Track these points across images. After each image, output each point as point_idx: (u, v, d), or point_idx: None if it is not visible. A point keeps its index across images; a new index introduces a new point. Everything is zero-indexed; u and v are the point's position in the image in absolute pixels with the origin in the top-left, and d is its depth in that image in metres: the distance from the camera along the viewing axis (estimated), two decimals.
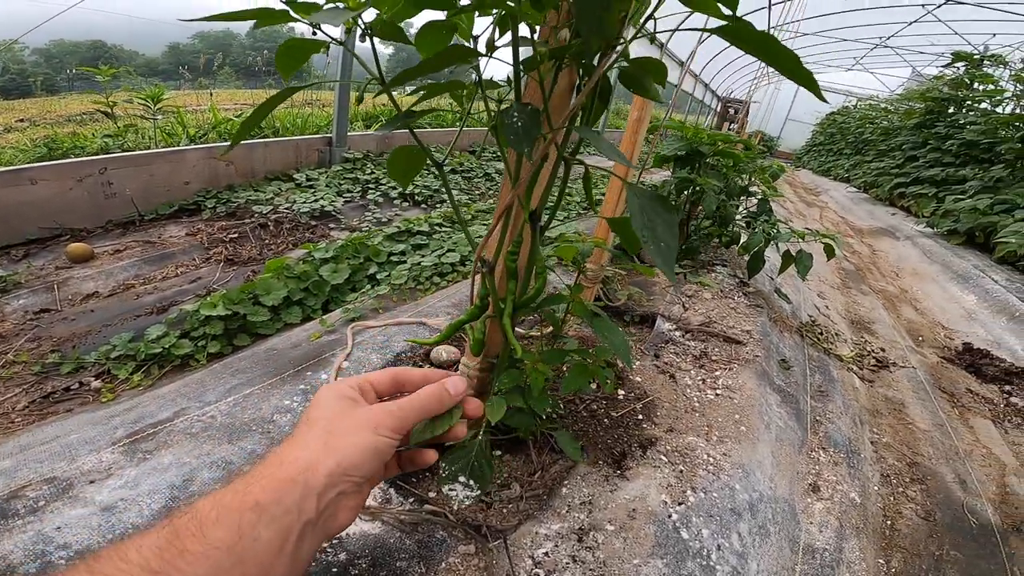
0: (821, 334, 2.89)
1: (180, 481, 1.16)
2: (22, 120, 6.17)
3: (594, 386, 1.76)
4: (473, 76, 0.86)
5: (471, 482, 1.04)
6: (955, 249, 5.52)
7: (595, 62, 0.80)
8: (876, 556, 1.63)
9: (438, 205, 5.33)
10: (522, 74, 0.85)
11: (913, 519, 1.84)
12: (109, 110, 4.80)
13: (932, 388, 2.83)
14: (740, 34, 0.60)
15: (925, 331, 3.75)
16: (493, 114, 0.88)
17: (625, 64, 0.81)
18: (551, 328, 1.77)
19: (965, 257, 5.21)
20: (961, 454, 2.30)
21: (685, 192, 3.06)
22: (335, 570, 0.98)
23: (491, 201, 5.63)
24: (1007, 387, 3.16)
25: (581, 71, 0.87)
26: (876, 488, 1.92)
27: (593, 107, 0.87)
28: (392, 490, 1.21)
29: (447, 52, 0.76)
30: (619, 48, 0.76)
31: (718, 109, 21.87)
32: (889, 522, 1.80)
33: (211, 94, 6.50)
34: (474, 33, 0.85)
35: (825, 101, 0.65)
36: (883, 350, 3.14)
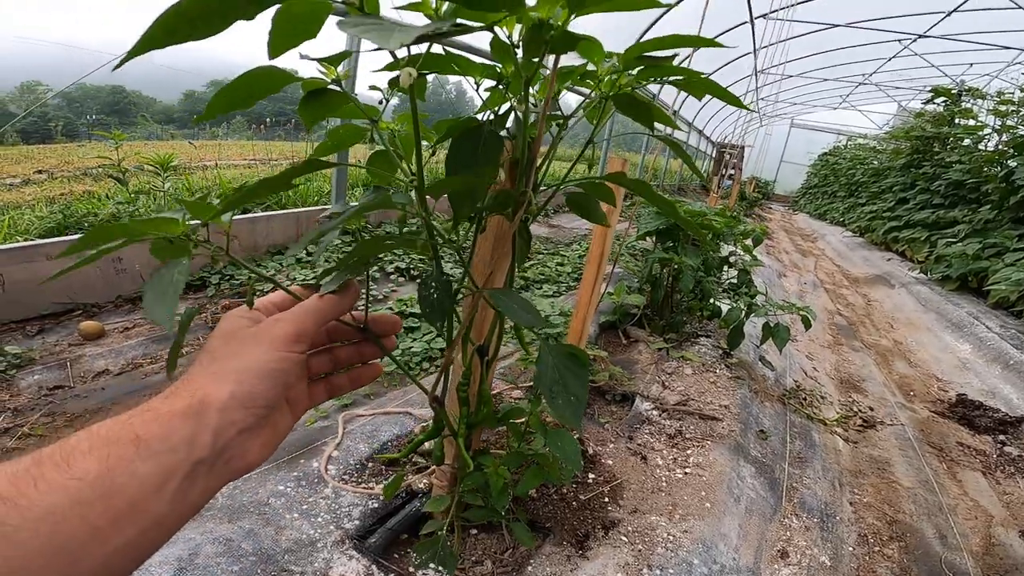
0: (805, 399, 3.19)
1: (187, 555, 1.44)
2: (40, 172, 6.38)
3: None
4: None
5: (440, 568, 1.33)
6: (949, 296, 5.90)
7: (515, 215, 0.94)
8: None
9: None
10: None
11: None
12: (120, 175, 4.99)
13: (920, 444, 3.11)
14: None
15: (918, 385, 4.05)
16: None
17: (575, 191, 0.99)
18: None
19: (959, 304, 5.58)
20: (945, 509, 2.55)
21: (666, 268, 3.44)
22: None
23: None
24: (1001, 437, 3.44)
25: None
26: (851, 549, 2.17)
27: (515, 256, 1.04)
28: (374, 567, 1.49)
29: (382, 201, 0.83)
30: (528, 205, 0.93)
31: (713, 155, 22.90)
32: None
33: (216, 164, 6.69)
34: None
35: (746, 109, 0.93)
36: (871, 409, 3.43)
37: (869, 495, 2.55)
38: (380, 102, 0.93)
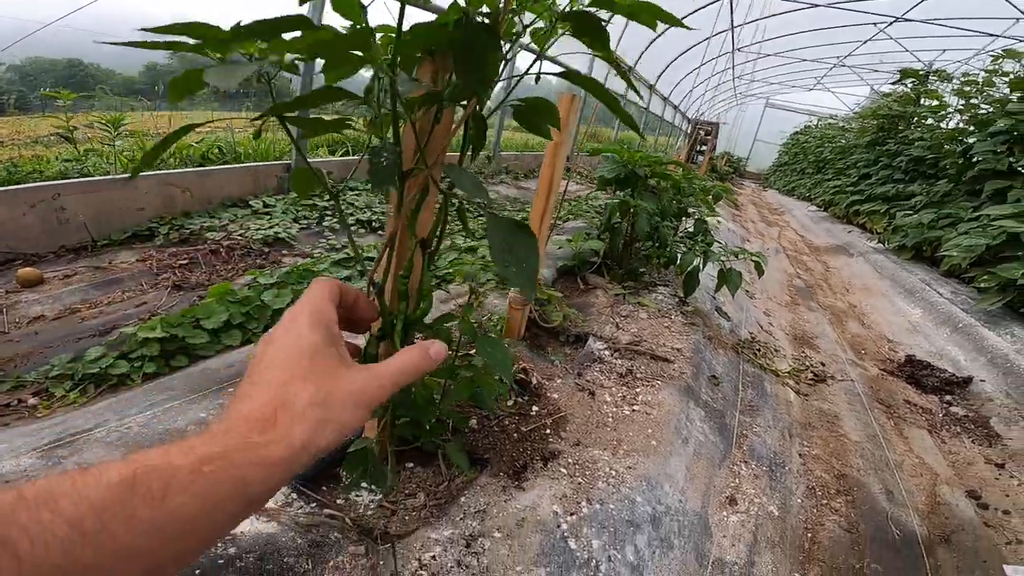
0: (759, 350, 3.00)
1: None
2: None
3: (510, 403, 1.83)
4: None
5: (372, 486, 1.13)
6: (904, 264, 5.79)
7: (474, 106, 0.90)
8: (792, 569, 1.70)
9: None
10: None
11: (835, 531, 1.92)
12: (69, 134, 4.79)
13: (869, 400, 2.96)
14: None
15: (869, 344, 3.91)
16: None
17: (518, 103, 0.92)
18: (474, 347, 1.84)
19: (913, 271, 5.47)
20: (891, 465, 2.40)
21: (625, 216, 3.19)
22: (221, 562, 1.02)
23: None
24: (947, 397, 3.32)
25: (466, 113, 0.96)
26: (799, 500, 2.00)
27: (467, 144, 0.97)
28: (294, 494, 1.27)
29: (324, 93, 0.79)
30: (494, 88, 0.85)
31: (688, 131, 22.55)
32: (810, 535, 1.88)
33: (169, 118, 6.47)
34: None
35: (642, 136, 0.75)
36: (823, 364, 3.27)
37: (818, 447, 2.39)
38: None
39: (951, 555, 1.90)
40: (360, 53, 0.74)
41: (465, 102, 0.92)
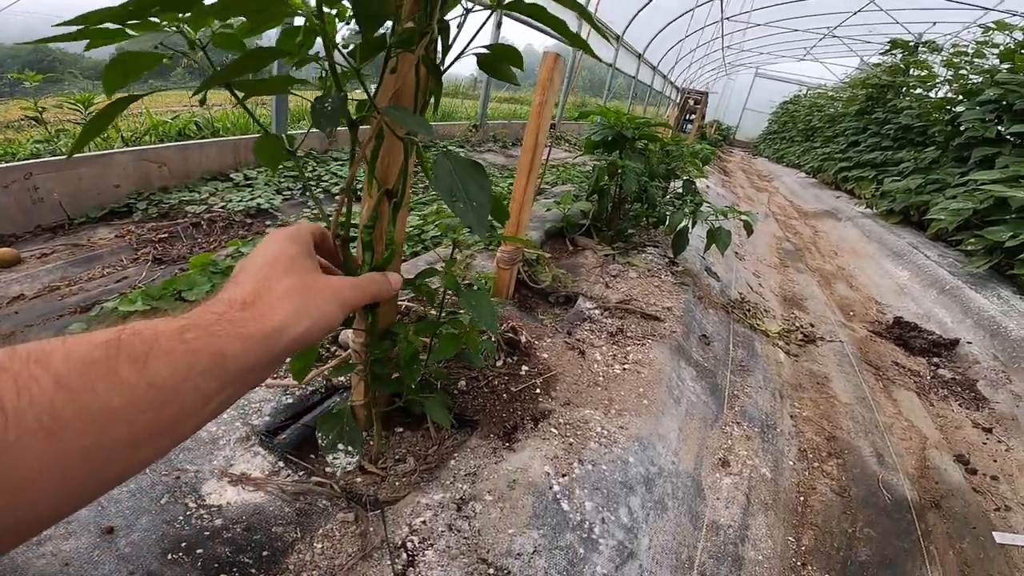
0: (749, 311, 2.87)
1: None
2: None
3: (499, 363, 1.68)
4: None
5: (349, 448, 1.03)
6: (892, 228, 5.64)
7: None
8: (786, 533, 1.59)
9: None
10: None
11: (827, 495, 1.81)
12: (38, 116, 4.62)
13: (858, 361, 2.84)
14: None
15: (857, 306, 3.79)
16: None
17: (483, 51, 0.89)
18: (460, 306, 1.69)
19: (901, 235, 5.32)
20: (881, 427, 2.29)
21: (614, 178, 3.01)
22: (207, 533, 0.96)
23: (431, 193, 5.51)
24: (935, 359, 3.20)
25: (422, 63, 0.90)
26: (791, 463, 1.88)
27: (419, 90, 0.91)
28: (281, 462, 1.17)
29: (251, 55, 0.74)
30: (427, 36, 0.81)
31: (678, 100, 22.05)
32: (802, 498, 1.77)
33: (147, 111, 6.29)
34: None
35: (598, 58, 0.58)
36: (812, 325, 3.14)
37: (809, 409, 2.27)
38: None
39: (941, 520, 1.80)
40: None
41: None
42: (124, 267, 3.28)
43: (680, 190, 3.22)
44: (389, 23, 0.85)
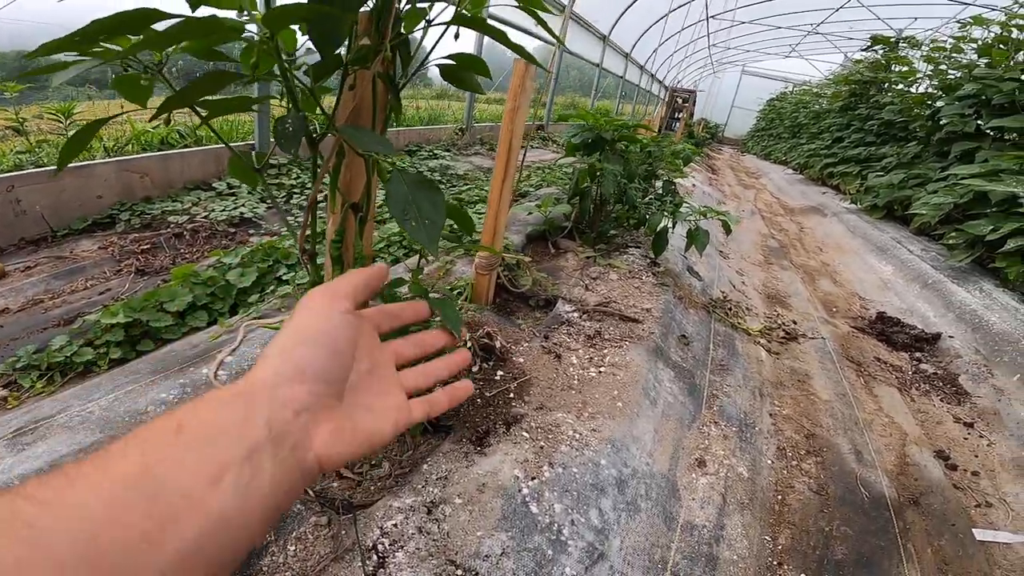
0: (730, 309, 2.87)
1: (48, 466, 1.20)
2: None
3: (475, 369, 1.68)
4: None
5: None
6: (876, 223, 5.67)
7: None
8: (762, 533, 1.58)
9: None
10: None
11: (805, 493, 1.80)
12: (19, 126, 4.57)
13: (839, 358, 2.85)
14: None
15: (840, 302, 3.80)
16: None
17: (447, 61, 0.90)
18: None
19: (884, 230, 5.35)
20: (861, 424, 2.30)
21: (594, 180, 3.01)
22: None
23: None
24: (917, 354, 3.21)
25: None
26: (770, 462, 1.88)
27: (376, 106, 0.91)
28: None
29: (208, 77, 0.76)
30: (380, 54, 0.83)
31: (666, 99, 22.12)
32: (780, 497, 1.76)
33: (122, 105, 6.24)
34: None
35: (541, 67, 0.57)
36: (795, 322, 3.15)
37: (789, 407, 2.27)
38: None
39: (920, 518, 1.80)
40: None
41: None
42: (107, 279, 3.29)
43: (660, 192, 3.23)
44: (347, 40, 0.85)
